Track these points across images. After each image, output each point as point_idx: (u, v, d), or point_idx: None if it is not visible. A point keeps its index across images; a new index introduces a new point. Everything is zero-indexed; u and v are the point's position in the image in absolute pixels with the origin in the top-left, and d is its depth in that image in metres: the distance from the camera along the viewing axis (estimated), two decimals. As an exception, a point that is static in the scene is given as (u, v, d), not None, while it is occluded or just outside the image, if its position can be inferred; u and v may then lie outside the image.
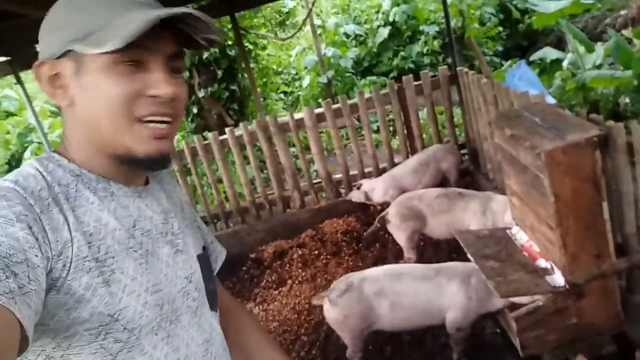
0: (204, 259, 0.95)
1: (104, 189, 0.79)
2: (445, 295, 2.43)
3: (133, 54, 0.73)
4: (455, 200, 3.18)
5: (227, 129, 4.43)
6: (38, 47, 0.79)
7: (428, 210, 3.25)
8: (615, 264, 2.06)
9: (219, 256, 1.07)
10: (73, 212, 0.73)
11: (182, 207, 0.98)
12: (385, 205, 4.14)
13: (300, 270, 3.90)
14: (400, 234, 3.37)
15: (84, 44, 0.72)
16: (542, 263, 2.29)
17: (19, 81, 4.65)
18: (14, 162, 8.38)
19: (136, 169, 0.83)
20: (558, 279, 2.15)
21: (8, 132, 8.60)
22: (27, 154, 7.75)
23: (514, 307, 2.27)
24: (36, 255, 0.64)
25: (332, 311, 2.53)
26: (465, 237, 2.51)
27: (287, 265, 4.04)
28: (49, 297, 0.68)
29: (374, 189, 4.10)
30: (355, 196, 4.18)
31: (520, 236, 2.52)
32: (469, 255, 2.37)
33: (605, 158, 2.02)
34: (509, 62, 6.78)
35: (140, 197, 0.85)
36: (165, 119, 0.78)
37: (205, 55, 6.76)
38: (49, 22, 0.77)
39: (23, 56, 4.26)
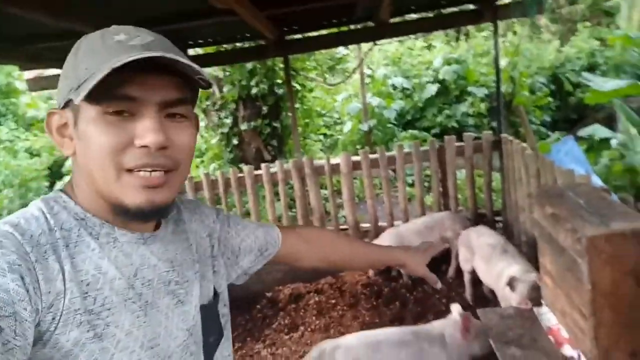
0: (210, 309, 0.90)
1: (107, 234, 0.76)
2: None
3: (117, 104, 0.70)
4: (496, 254, 3.17)
5: (262, 165, 4.45)
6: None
7: (477, 249, 3.38)
8: (652, 367, 1.91)
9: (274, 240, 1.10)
10: (71, 260, 0.70)
11: (198, 247, 0.91)
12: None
13: (314, 318, 3.79)
14: (458, 252, 3.73)
15: (74, 93, 0.70)
16: (568, 351, 2.15)
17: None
18: (56, 168, 8.69)
19: (130, 220, 0.78)
20: (585, 370, 2.00)
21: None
22: (68, 162, 8.03)
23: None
24: (25, 309, 0.61)
25: None
26: (489, 317, 2.39)
27: (302, 310, 3.94)
28: (35, 350, 0.64)
29: None
30: None
31: (549, 318, 2.39)
32: (490, 340, 2.26)
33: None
34: (556, 134, 6.64)
35: (145, 243, 0.81)
36: (158, 169, 0.74)
37: (254, 90, 6.92)
38: (63, 70, 0.76)
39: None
